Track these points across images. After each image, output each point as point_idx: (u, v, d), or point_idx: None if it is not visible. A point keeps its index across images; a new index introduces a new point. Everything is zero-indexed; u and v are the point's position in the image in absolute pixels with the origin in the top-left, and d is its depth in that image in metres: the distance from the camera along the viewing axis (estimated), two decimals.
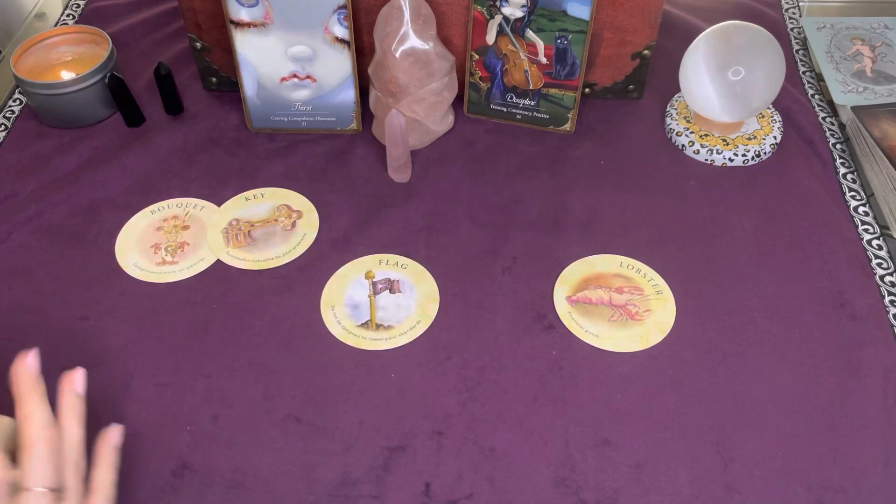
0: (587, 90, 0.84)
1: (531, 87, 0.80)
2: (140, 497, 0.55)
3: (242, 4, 0.74)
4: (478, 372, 0.62)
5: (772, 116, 0.81)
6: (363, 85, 0.80)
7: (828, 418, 0.59)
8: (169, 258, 0.71)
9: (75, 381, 0.49)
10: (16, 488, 0.43)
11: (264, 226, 0.73)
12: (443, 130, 0.81)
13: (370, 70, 0.77)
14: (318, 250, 0.71)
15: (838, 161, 0.79)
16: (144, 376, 0.62)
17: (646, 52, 0.81)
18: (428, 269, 0.69)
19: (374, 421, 0.59)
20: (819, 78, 0.89)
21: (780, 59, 0.75)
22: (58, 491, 0.44)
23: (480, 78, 0.81)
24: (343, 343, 0.64)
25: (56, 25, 0.98)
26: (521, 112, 0.82)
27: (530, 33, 0.76)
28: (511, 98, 0.81)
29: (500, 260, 0.70)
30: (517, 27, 0.76)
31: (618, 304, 0.67)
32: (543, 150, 0.80)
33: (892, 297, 0.67)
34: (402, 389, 0.61)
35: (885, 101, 0.83)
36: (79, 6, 1.00)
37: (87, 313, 0.67)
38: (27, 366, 0.47)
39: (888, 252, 0.71)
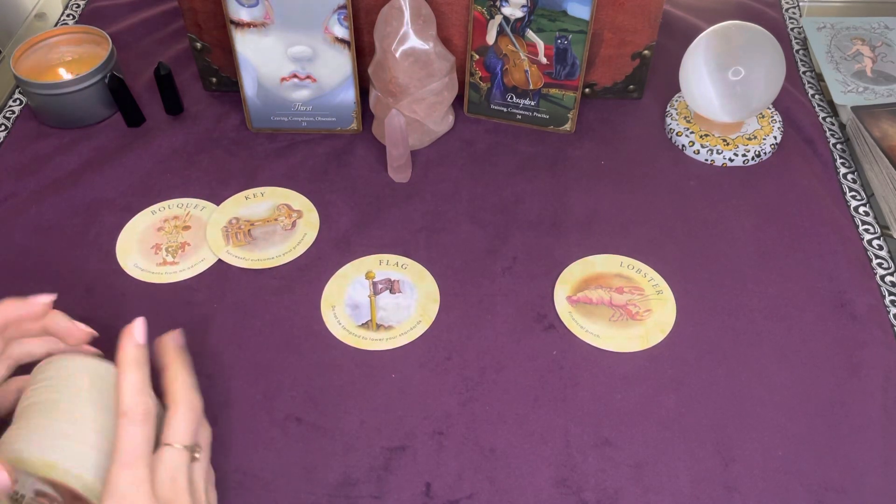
0: (587, 90, 0.84)
1: (531, 87, 0.80)
2: None
3: (242, 4, 0.74)
4: (478, 372, 0.62)
5: (772, 116, 0.81)
6: (363, 85, 0.80)
7: (828, 418, 0.59)
8: (170, 258, 0.71)
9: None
10: (156, 441, 0.46)
11: (264, 225, 0.73)
12: (443, 130, 0.81)
13: (370, 70, 0.77)
14: (319, 250, 0.71)
15: (838, 161, 0.79)
16: None
17: (646, 52, 0.81)
18: (428, 269, 0.69)
19: (375, 421, 0.59)
20: (819, 78, 0.89)
21: (780, 59, 0.75)
22: (191, 449, 0.47)
23: (480, 78, 0.81)
24: (343, 343, 0.64)
25: (56, 25, 0.98)
26: (521, 112, 0.82)
27: (530, 33, 0.76)
28: (511, 98, 0.81)
29: (500, 260, 0.70)
30: (517, 27, 0.76)
31: (618, 304, 0.67)
32: (543, 150, 0.80)
33: (893, 297, 0.67)
34: (402, 390, 0.61)
35: (885, 101, 0.83)
36: (79, 6, 1.00)
37: (88, 314, 0.66)
38: (173, 337, 0.50)
39: (888, 252, 0.71)
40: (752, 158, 0.78)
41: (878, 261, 0.70)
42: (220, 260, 0.70)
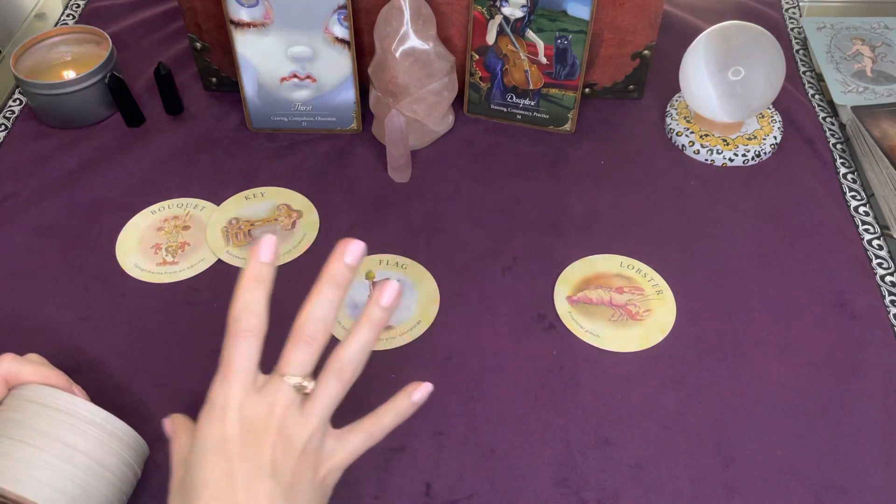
0: (587, 90, 0.84)
1: (531, 87, 0.80)
2: (139, 497, 0.55)
3: (242, 4, 0.74)
4: (478, 372, 0.62)
5: (772, 116, 0.81)
6: (363, 85, 0.80)
7: (828, 418, 0.59)
8: (169, 258, 0.71)
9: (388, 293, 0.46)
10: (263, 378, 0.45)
11: (264, 225, 0.73)
12: (443, 130, 0.81)
13: (370, 70, 0.77)
14: (319, 250, 0.71)
15: (838, 161, 0.79)
16: (145, 377, 0.62)
17: (646, 52, 0.81)
18: (428, 270, 0.69)
19: None
20: (819, 78, 0.89)
21: (780, 59, 0.75)
22: (304, 387, 0.44)
23: (480, 78, 0.81)
24: None
25: (56, 25, 0.98)
26: (521, 112, 0.82)
27: (530, 33, 0.76)
28: (511, 98, 0.81)
29: (500, 260, 0.70)
30: (517, 27, 0.76)
31: (618, 304, 0.67)
32: (543, 150, 0.80)
33: (893, 297, 0.67)
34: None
35: (885, 101, 0.83)
36: (79, 6, 1.00)
37: (88, 314, 0.67)
38: (352, 251, 0.45)
39: (888, 252, 0.71)
40: (752, 158, 0.78)
41: (878, 261, 0.70)
42: (219, 260, 0.70)
